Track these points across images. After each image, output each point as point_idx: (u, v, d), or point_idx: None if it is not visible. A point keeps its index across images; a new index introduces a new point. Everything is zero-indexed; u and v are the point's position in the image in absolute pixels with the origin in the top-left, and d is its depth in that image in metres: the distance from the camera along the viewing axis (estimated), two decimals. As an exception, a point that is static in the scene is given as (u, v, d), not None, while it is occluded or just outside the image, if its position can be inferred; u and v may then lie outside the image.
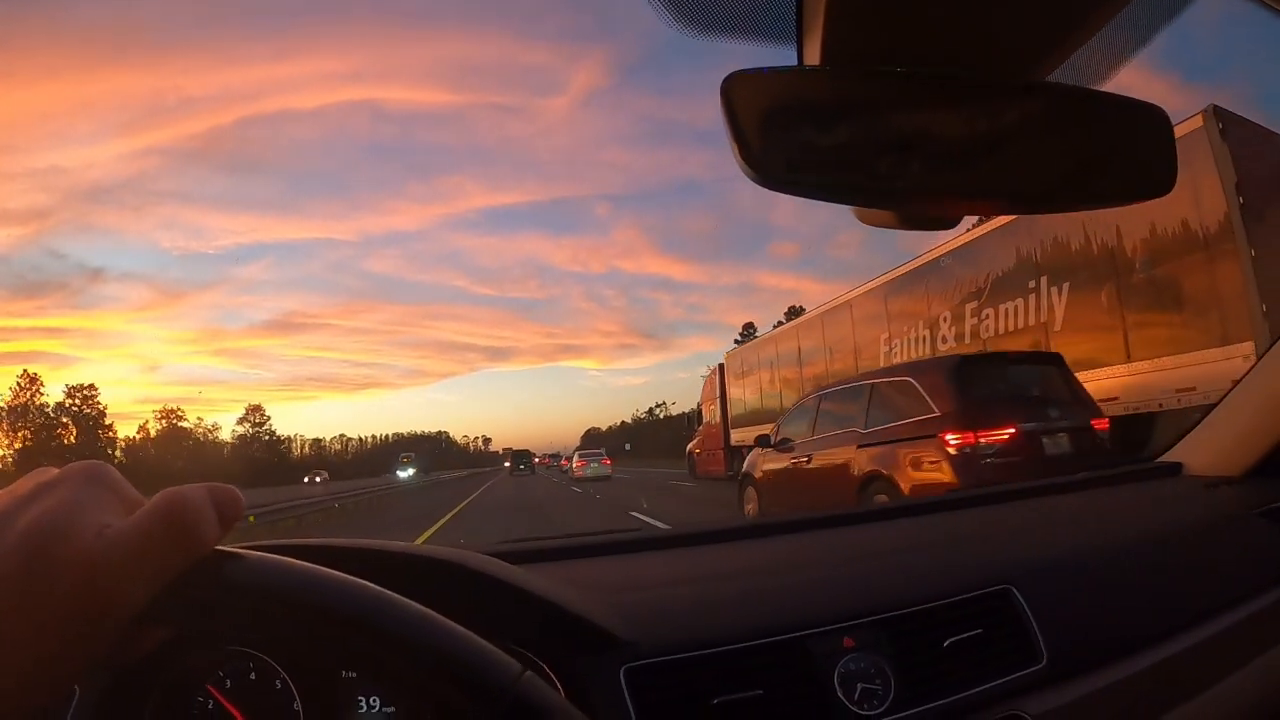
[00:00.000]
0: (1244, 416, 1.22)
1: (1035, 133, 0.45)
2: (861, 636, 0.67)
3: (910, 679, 0.66)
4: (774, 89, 0.41)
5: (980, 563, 0.82)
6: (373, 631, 0.33)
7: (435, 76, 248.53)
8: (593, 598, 0.67)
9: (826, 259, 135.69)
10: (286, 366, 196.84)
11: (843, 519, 1.12)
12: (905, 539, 1.01)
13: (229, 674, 0.60)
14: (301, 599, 0.33)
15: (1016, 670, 0.71)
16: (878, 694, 0.64)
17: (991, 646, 0.72)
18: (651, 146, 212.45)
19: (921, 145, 0.43)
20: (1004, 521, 1.10)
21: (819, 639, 0.66)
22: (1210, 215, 5.64)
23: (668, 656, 0.62)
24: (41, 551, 0.28)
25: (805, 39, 0.43)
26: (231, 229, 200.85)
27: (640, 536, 1.01)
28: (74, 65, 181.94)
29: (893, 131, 0.43)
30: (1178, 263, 5.95)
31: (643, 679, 0.60)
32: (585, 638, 0.62)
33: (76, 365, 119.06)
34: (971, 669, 0.70)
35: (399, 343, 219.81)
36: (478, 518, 10.61)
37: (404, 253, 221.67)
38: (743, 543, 1.00)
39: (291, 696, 0.58)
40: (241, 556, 0.33)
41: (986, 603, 0.75)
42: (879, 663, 0.66)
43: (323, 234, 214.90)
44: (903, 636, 0.69)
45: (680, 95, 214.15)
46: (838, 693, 0.63)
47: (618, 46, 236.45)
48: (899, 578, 0.79)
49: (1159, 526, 1.01)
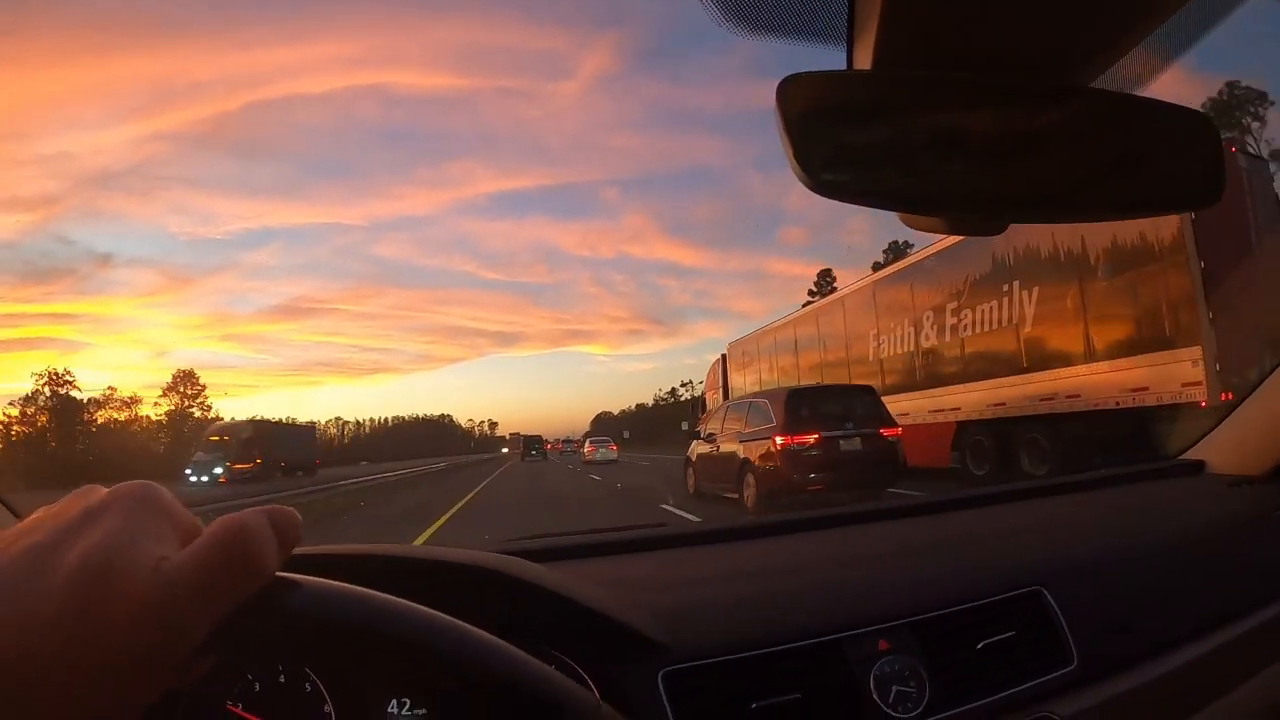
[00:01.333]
0: (1268, 415, 1.20)
1: (1082, 139, 0.45)
2: (897, 639, 0.67)
3: (944, 681, 0.66)
4: (829, 92, 0.42)
5: (1011, 564, 0.83)
6: (445, 664, 0.33)
7: (445, 60, 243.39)
8: (625, 599, 0.66)
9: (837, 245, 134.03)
10: (294, 352, 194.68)
11: (865, 515, 1.11)
12: (933, 536, 1.01)
13: (258, 677, 0.58)
14: (369, 629, 0.32)
15: (1048, 672, 0.72)
16: (912, 696, 0.64)
17: (1023, 648, 0.72)
18: (661, 132, 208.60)
19: (970, 150, 0.43)
20: (1029, 520, 1.10)
21: (855, 641, 0.66)
22: (1165, 227, 6.08)
23: (705, 660, 0.62)
24: (96, 590, 0.26)
25: (856, 42, 0.43)
26: (240, 214, 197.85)
27: (664, 533, 1.01)
28: (81, 51, 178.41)
29: (942, 136, 0.43)
30: (1135, 272, 6.44)
31: (681, 683, 0.60)
32: (622, 641, 0.61)
33: (85, 350, 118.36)
34: (1004, 671, 0.70)
35: (407, 328, 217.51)
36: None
37: (412, 237, 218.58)
38: (768, 539, 1.00)
39: (322, 699, 0.57)
40: (301, 585, 0.32)
41: (1018, 604, 0.75)
42: (914, 665, 0.66)
43: (331, 219, 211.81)
44: (937, 639, 0.69)
45: (691, 81, 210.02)
46: (873, 695, 0.63)
47: (629, 31, 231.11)
48: (932, 579, 0.78)
49: (1183, 526, 1.01)
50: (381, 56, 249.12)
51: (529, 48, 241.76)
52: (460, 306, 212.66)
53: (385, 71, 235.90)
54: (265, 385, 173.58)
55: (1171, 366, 6.01)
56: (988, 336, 8.18)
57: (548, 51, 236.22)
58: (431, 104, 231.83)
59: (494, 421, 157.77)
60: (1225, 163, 0.48)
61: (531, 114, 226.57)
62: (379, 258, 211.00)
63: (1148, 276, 6.31)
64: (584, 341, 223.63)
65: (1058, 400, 7.12)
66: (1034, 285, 7.50)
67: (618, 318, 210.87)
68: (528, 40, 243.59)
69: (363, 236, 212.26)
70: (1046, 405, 7.23)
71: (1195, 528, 1.01)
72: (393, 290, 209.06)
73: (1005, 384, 7.80)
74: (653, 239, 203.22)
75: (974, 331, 8.39)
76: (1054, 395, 7.15)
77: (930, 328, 9.24)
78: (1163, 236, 6.13)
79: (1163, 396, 6.08)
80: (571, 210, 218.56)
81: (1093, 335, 6.86)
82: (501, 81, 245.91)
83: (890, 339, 10.18)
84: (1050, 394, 7.20)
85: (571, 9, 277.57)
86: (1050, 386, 7.21)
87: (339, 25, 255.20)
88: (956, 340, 8.67)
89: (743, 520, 1.09)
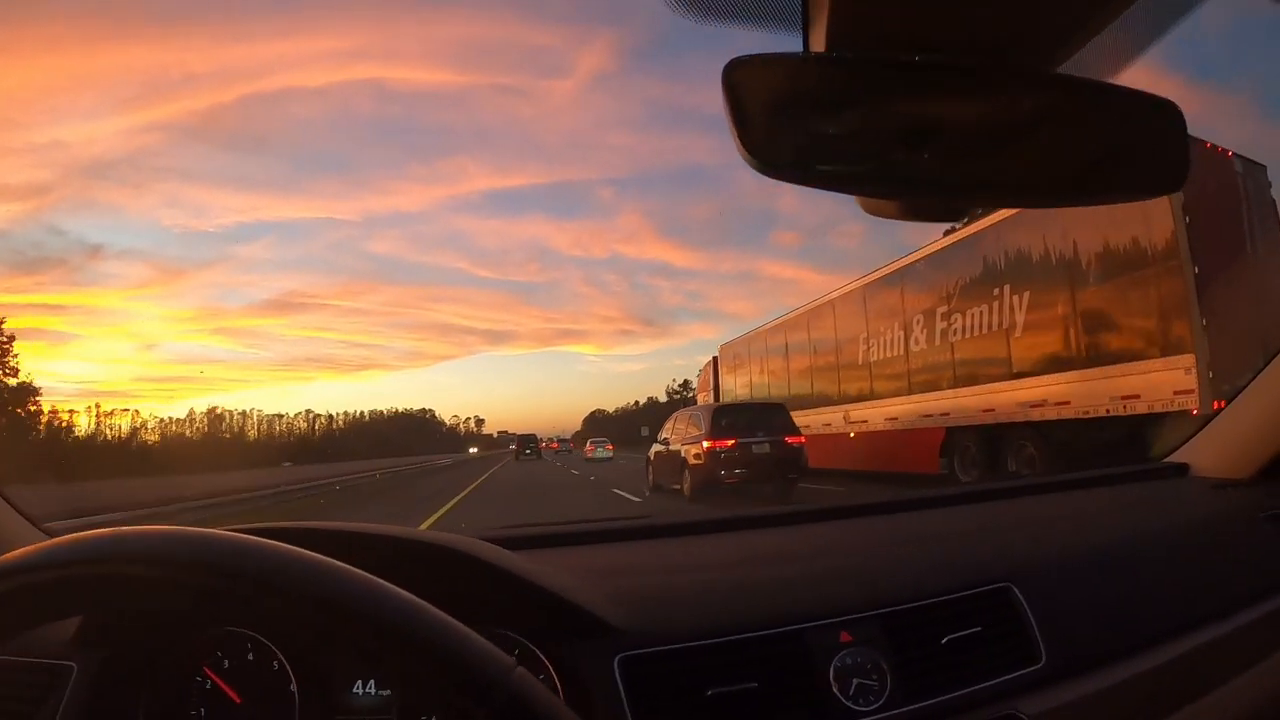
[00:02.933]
0: (1253, 418, 1.19)
1: (1046, 125, 0.44)
2: (859, 631, 0.67)
3: (907, 675, 0.66)
4: (777, 76, 0.41)
5: (980, 560, 0.81)
6: (367, 622, 0.34)
7: (441, 56, 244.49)
8: (589, 585, 0.67)
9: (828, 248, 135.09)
10: (285, 346, 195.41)
11: (842, 511, 1.10)
12: (904, 533, 1.00)
13: (227, 654, 0.59)
14: (296, 588, 0.34)
15: (1014, 669, 0.71)
16: (874, 689, 0.64)
17: (990, 645, 0.71)
18: (657, 131, 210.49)
19: (928, 135, 0.42)
20: (1005, 518, 1.09)
21: (815, 632, 0.66)
22: (1158, 231, 5.97)
23: (663, 646, 0.62)
24: None
25: (811, 26, 0.42)
26: (233, 207, 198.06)
27: (639, 524, 1.01)
28: (76, 39, 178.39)
29: (898, 121, 0.42)
30: (1128, 277, 6.36)
31: (637, 668, 0.60)
32: (580, 626, 0.62)
33: (74, 342, 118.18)
34: (969, 667, 0.69)
35: (398, 324, 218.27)
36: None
37: (405, 234, 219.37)
38: (741, 533, 1.00)
39: (288, 678, 0.58)
40: (241, 541, 0.34)
41: (986, 600, 0.74)
42: (876, 658, 0.65)
43: (324, 213, 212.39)
44: (901, 632, 0.68)
45: (687, 80, 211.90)
46: (833, 688, 0.63)
47: (625, 30, 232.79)
48: (898, 572, 0.78)
49: (1164, 527, 1.00)
50: (379, 51, 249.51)
51: (526, 44, 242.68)
52: (452, 304, 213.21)
53: (382, 66, 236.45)
54: (255, 380, 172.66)
55: (1164, 374, 5.93)
56: (978, 341, 8.11)
57: (545, 48, 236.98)
58: (427, 99, 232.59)
59: (480, 418, 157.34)
60: (1189, 151, 0.47)
61: (527, 111, 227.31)
62: (371, 253, 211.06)
63: (1141, 281, 6.23)
64: (575, 341, 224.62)
65: (1047, 407, 7.02)
66: (1025, 290, 7.42)
67: (609, 318, 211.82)
68: (526, 37, 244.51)
69: (355, 232, 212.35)
70: (1037, 412, 7.13)
71: (1176, 529, 1.00)
72: (384, 286, 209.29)
73: (995, 389, 7.71)
74: (646, 239, 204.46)
75: (964, 336, 8.33)
76: (1044, 402, 7.06)
77: (920, 332, 9.15)
78: (1156, 241, 6.06)
79: (1154, 404, 5.98)
80: (566, 209, 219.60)
81: (1084, 341, 6.78)
82: (498, 78, 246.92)
83: (880, 343, 10.11)
84: (1040, 400, 7.10)
85: (571, 6, 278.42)
86: (1040, 393, 7.11)
87: (337, 18, 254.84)
88: (946, 345, 8.60)
89: (720, 514, 1.09)
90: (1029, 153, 0.44)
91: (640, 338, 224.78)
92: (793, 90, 0.41)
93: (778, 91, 0.40)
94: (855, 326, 10.78)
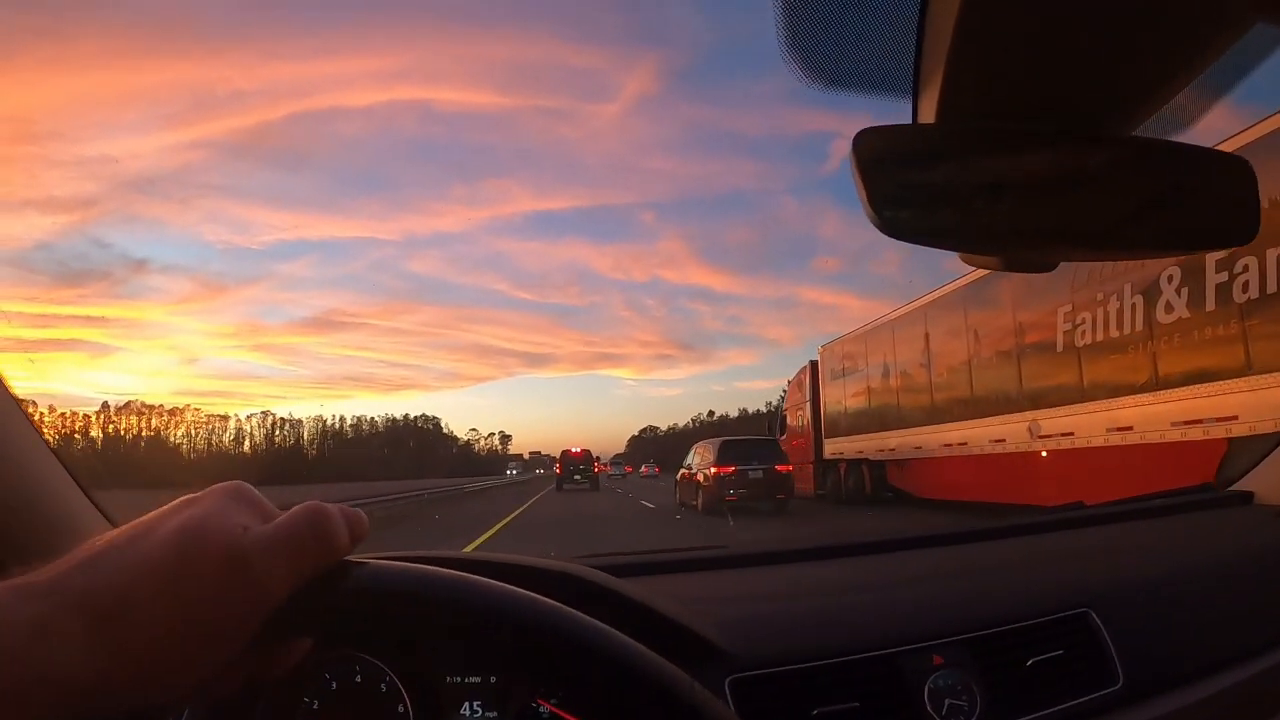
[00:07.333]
0: None
1: (1124, 182, 0.48)
2: (950, 654, 0.70)
3: (995, 696, 0.68)
4: (898, 142, 0.46)
5: (1060, 586, 0.85)
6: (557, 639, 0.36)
7: (486, 77, 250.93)
8: (694, 611, 0.69)
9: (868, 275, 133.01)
10: (323, 365, 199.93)
11: (927, 540, 1.15)
12: (986, 560, 1.04)
13: (335, 676, 0.59)
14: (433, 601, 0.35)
15: (1095, 690, 0.74)
16: (964, 710, 0.66)
17: (1071, 667, 0.75)
18: (699, 155, 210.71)
19: (1022, 194, 0.47)
20: (1081, 546, 1.13)
21: (910, 656, 0.69)
22: None
23: (769, 669, 0.64)
24: (193, 543, 0.31)
25: (920, 96, 0.47)
26: (276, 224, 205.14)
27: (727, 554, 1.05)
28: (124, 54, 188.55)
29: (998, 181, 0.46)
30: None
31: (746, 690, 0.63)
32: (692, 649, 0.64)
33: (115, 355, 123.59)
34: (1052, 688, 0.72)
35: (437, 345, 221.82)
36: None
37: (446, 254, 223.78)
38: (828, 561, 1.04)
39: (398, 698, 0.58)
40: (376, 564, 0.35)
41: (1067, 625, 0.78)
42: (966, 680, 0.68)
43: (366, 233, 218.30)
44: (988, 655, 0.71)
45: (730, 105, 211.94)
46: (927, 707, 0.66)
47: (670, 53, 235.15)
48: (984, 598, 0.81)
49: (1230, 554, 1.04)
50: (424, 71, 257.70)
51: (571, 66, 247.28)
52: (491, 326, 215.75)
53: (427, 87, 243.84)
54: (293, 396, 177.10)
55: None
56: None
57: (590, 71, 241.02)
58: (471, 121, 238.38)
59: (506, 434, 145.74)
60: (1259, 203, 0.50)
61: (570, 134, 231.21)
62: (412, 273, 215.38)
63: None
64: (613, 365, 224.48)
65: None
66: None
67: (648, 342, 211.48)
68: (570, 59, 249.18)
69: (396, 251, 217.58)
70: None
71: (1243, 556, 1.03)
72: (424, 307, 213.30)
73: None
74: (686, 263, 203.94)
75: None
76: None
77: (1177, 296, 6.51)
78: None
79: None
80: (607, 232, 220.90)
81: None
82: (542, 101, 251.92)
83: (1100, 318, 7.33)
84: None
85: (616, 29, 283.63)
86: None
87: (383, 38, 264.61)
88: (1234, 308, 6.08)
89: (803, 543, 1.13)
90: (1112, 209, 0.48)
91: (679, 362, 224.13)
92: (911, 155, 0.46)
93: (898, 156, 0.45)
94: (1054, 298, 7.81)
